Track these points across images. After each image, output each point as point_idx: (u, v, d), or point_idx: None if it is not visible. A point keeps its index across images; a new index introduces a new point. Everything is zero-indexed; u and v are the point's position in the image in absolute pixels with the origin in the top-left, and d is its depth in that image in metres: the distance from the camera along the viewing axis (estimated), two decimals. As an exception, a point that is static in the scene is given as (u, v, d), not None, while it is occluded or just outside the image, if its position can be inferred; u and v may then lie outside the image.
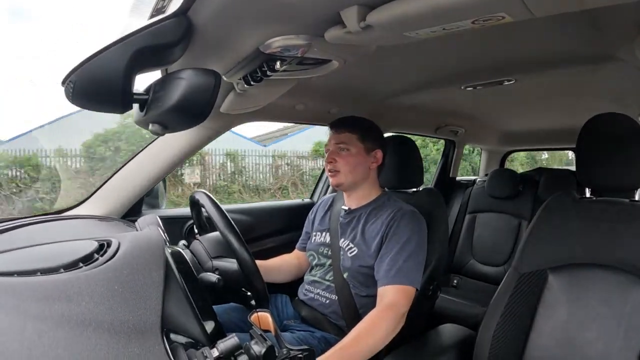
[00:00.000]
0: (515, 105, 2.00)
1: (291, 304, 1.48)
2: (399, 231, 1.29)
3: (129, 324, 0.56)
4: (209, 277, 1.06)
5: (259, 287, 1.07)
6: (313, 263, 1.48)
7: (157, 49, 0.72)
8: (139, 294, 0.61)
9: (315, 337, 1.29)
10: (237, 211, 1.88)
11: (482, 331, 1.16)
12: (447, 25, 0.75)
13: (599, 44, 1.09)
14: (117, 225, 1.17)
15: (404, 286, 1.22)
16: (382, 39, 0.84)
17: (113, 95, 0.70)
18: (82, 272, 0.62)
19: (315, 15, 0.79)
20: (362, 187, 1.43)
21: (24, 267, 0.62)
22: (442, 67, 1.33)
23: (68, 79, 0.67)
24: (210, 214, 1.12)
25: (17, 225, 0.99)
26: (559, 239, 1.14)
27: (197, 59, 0.95)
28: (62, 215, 1.30)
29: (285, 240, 1.92)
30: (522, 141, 3.20)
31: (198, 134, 1.42)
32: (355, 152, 1.38)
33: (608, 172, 1.09)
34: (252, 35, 0.86)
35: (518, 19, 0.71)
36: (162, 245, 0.74)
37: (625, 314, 0.99)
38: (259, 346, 0.66)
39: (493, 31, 0.82)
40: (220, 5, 0.74)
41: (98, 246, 0.72)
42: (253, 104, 1.29)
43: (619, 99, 1.71)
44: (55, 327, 0.52)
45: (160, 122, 0.76)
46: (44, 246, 0.78)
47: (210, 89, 0.72)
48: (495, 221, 2.67)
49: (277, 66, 0.96)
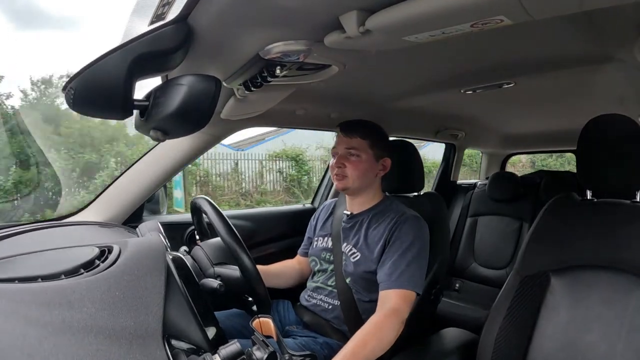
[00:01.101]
0: (515, 108, 2.00)
1: (293, 310, 1.48)
2: (402, 236, 1.29)
3: (130, 330, 0.56)
4: (210, 283, 1.06)
5: (260, 293, 1.07)
6: (315, 269, 1.48)
7: (157, 55, 0.72)
8: (140, 300, 0.61)
9: (318, 343, 1.28)
10: (238, 217, 1.88)
11: (485, 334, 1.16)
12: (446, 29, 0.75)
13: (598, 46, 1.09)
14: (118, 232, 1.17)
15: (406, 290, 1.21)
16: (382, 43, 0.85)
17: (114, 102, 0.70)
18: (84, 278, 0.62)
19: (314, 20, 0.79)
20: (366, 192, 1.42)
21: (26, 273, 0.62)
22: (442, 71, 1.33)
23: (69, 86, 0.67)
24: (211, 219, 1.12)
25: (19, 231, 0.99)
26: (561, 241, 1.13)
27: (197, 65, 0.95)
28: (63, 222, 1.31)
29: (286, 246, 1.91)
30: (523, 144, 3.20)
31: (199, 140, 1.42)
32: (365, 158, 1.37)
33: (609, 173, 1.09)
34: (252, 41, 0.87)
35: (517, 21, 0.71)
36: (163, 252, 0.74)
37: (627, 315, 0.99)
38: (261, 352, 0.66)
39: (492, 34, 0.82)
40: (220, 11, 0.74)
41: (99, 252, 0.72)
42: (253, 110, 1.29)
43: (619, 100, 1.71)
44: (57, 333, 0.51)
45: (161, 129, 0.76)
46: (45, 252, 0.78)
47: (210, 95, 0.72)
48: (497, 224, 2.66)
49: (277, 72, 0.96)
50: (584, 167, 1.13)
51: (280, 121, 1.77)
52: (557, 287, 1.10)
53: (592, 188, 1.17)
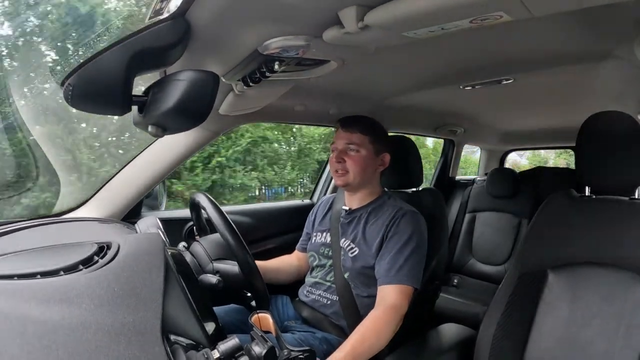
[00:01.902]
0: (514, 104, 2.00)
1: (292, 305, 1.48)
2: (399, 231, 1.29)
3: (129, 326, 0.56)
4: (209, 279, 1.06)
5: (259, 289, 1.07)
6: (314, 264, 1.48)
7: (155, 50, 0.72)
8: (139, 296, 0.61)
9: (317, 338, 1.29)
10: (237, 212, 1.88)
11: (483, 330, 1.16)
12: (446, 25, 0.75)
13: (597, 42, 1.09)
14: (117, 228, 1.17)
15: (404, 286, 1.22)
16: (381, 39, 0.84)
17: (112, 98, 0.70)
18: (82, 274, 0.62)
19: (313, 15, 0.79)
20: (366, 187, 1.43)
21: (24, 270, 0.62)
22: (441, 66, 1.32)
23: (67, 82, 0.67)
24: (210, 215, 1.12)
25: (17, 228, 0.99)
26: (559, 238, 1.14)
27: (195, 60, 0.95)
28: (61, 218, 1.30)
29: (285, 242, 1.92)
30: (522, 140, 3.20)
31: (197, 136, 1.42)
32: (365, 154, 1.37)
33: (607, 170, 1.09)
34: (251, 36, 0.86)
35: (516, 18, 0.71)
36: (162, 247, 0.74)
37: (625, 311, 0.99)
38: (260, 347, 0.66)
39: (491, 30, 0.82)
40: (218, 6, 0.74)
41: (98, 248, 0.72)
42: (252, 105, 1.29)
43: (618, 97, 1.71)
44: (56, 329, 0.52)
45: (160, 124, 0.76)
46: (44, 249, 0.78)
47: (209, 91, 0.72)
48: (495, 220, 2.67)
49: (276, 67, 0.96)
50: (583, 164, 1.14)
51: (279, 117, 1.77)
52: (555, 283, 1.10)
53: (590, 185, 1.17)
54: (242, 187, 5.20)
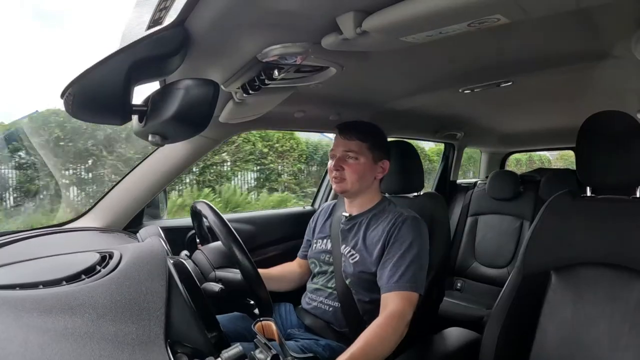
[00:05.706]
0: (514, 106, 2.01)
1: (295, 312, 1.47)
2: (401, 237, 1.28)
3: (133, 335, 0.56)
4: (212, 287, 1.06)
5: (262, 296, 1.06)
6: (315, 271, 1.47)
7: (155, 59, 0.73)
8: (142, 305, 0.61)
9: (320, 345, 1.28)
10: (238, 220, 1.88)
11: (487, 333, 1.16)
12: (443, 29, 0.75)
13: (595, 42, 1.09)
14: (118, 237, 1.17)
15: (408, 292, 1.21)
16: (379, 44, 0.85)
17: (112, 107, 0.70)
18: (85, 284, 0.62)
19: (311, 22, 0.79)
20: (365, 194, 1.42)
21: (27, 279, 0.62)
22: (440, 70, 1.33)
23: (67, 92, 0.68)
24: (211, 223, 1.11)
25: (19, 238, 0.99)
26: (562, 239, 1.14)
27: (195, 69, 0.95)
28: (63, 228, 1.31)
29: (287, 249, 1.91)
30: (522, 142, 3.20)
31: (197, 144, 1.42)
32: (363, 161, 1.35)
33: (608, 169, 1.09)
34: (249, 44, 0.87)
35: (513, 19, 0.71)
36: (164, 256, 0.74)
37: (630, 310, 0.99)
38: (264, 355, 0.66)
39: (489, 33, 0.83)
40: (217, 15, 0.74)
41: (100, 258, 0.72)
42: (252, 113, 1.29)
43: (617, 96, 1.71)
44: (58, 339, 0.51)
45: (160, 133, 0.76)
46: (46, 259, 0.78)
47: (208, 99, 0.72)
48: (497, 223, 2.66)
49: (275, 74, 0.96)
50: (584, 164, 1.13)
51: (279, 124, 1.78)
52: (558, 284, 1.10)
53: (592, 185, 1.17)
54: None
